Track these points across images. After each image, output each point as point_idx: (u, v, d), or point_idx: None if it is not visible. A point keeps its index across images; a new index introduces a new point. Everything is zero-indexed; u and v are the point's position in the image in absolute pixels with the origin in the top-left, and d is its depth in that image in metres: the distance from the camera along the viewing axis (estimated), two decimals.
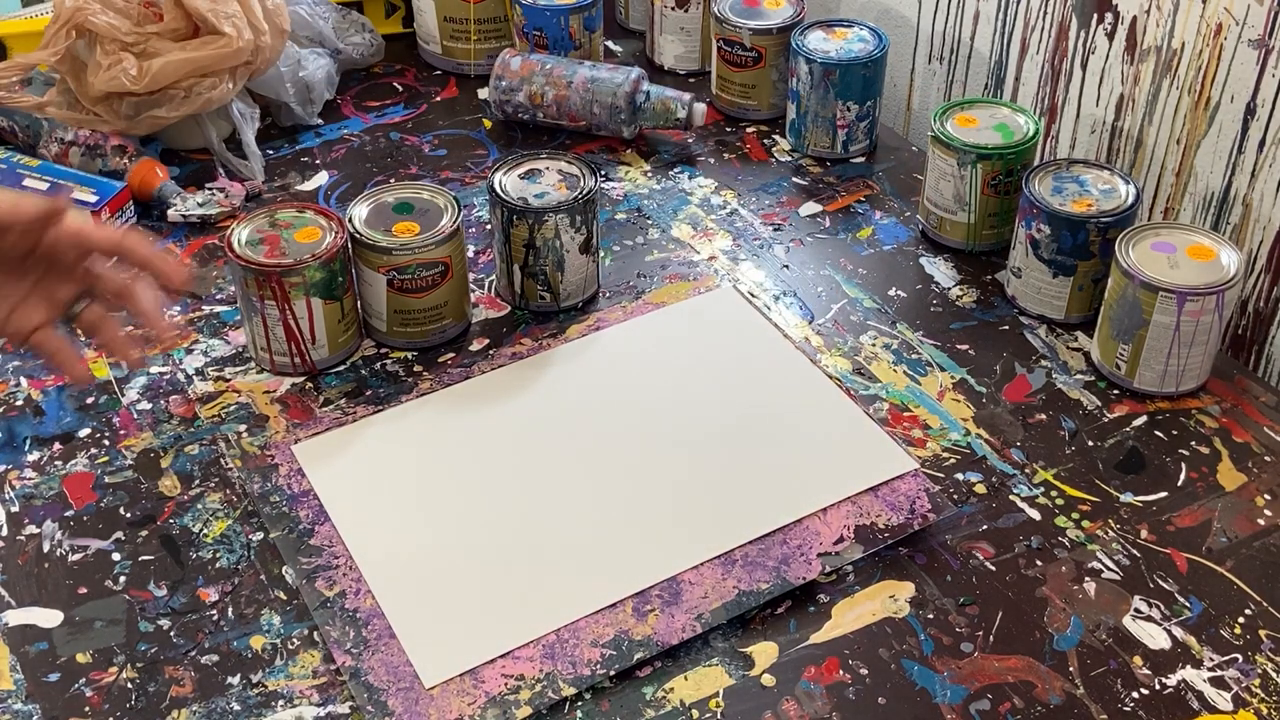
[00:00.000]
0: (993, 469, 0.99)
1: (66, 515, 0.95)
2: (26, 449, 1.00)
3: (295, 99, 1.34)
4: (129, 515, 0.96)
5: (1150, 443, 1.01)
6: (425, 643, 0.86)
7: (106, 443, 1.01)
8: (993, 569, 0.92)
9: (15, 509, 0.96)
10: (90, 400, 1.05)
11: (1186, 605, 0.89)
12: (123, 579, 0.91)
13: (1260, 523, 0.95)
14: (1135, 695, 0.84)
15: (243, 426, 1.02)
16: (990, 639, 0.87)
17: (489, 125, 1.38)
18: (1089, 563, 0.92)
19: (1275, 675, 0.85)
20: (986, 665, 0.85)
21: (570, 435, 1.01)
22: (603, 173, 1.30)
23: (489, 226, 1.21)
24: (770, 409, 1.03)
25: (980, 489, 0.98)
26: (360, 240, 1.05)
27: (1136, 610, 0.89)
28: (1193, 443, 1.01)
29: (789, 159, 1.33)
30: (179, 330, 0.85)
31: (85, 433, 1.02)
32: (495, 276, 1.16)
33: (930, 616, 0.88)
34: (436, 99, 1.42)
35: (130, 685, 0.84)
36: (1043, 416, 1.04)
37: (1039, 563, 0.92)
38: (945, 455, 1.00)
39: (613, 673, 0.84)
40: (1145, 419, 1.03)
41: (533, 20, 1.38)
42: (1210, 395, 1.05)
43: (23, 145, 1.28)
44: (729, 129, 1.37)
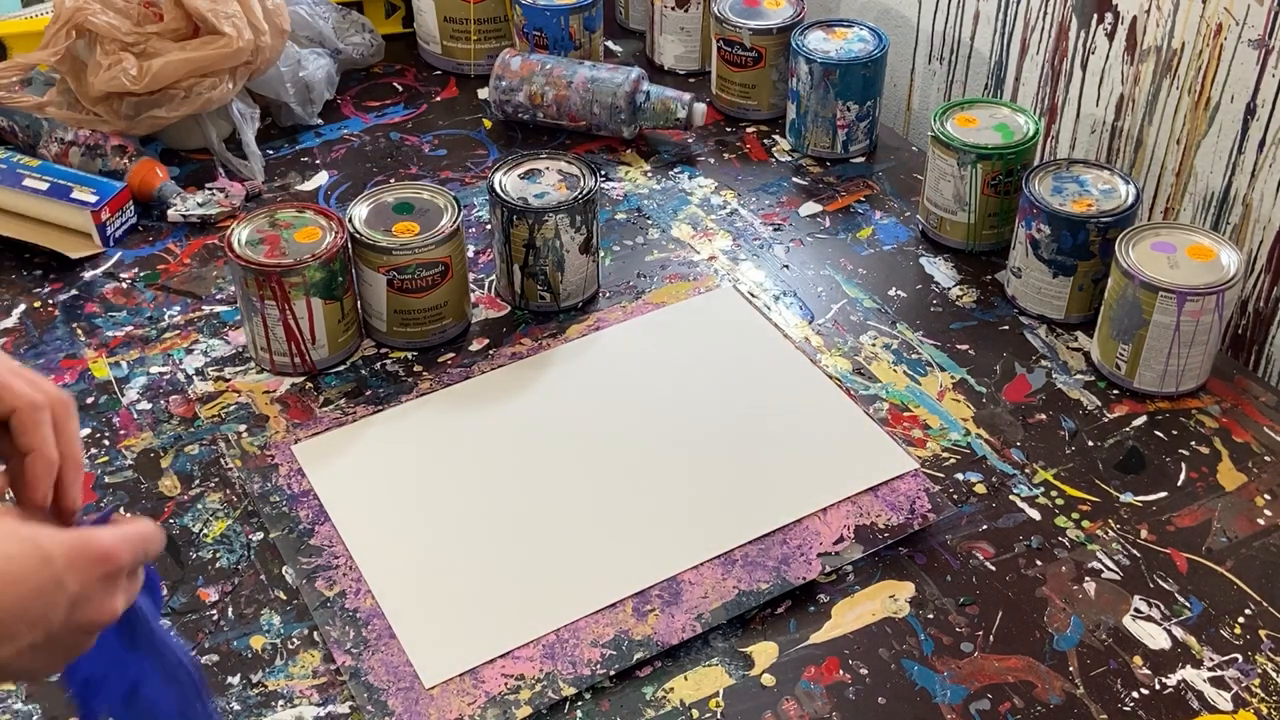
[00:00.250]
0: (993, 469, 0.99)
1: None
2: None
3: (295, 99, 1.34)
4: (129, 515, 0.95)
5: (1150, 443, 1.01)
6: (425, 643, 0.86)
7: (106, 443, 1.01)
8: (993, 569, 0.92)
9: None
10: (90, 400, 1.05)
11: (1186, 605, 0.89)
12: None
13: (1260, 523, 0.95)
14: (1135, 695, 0.84)
15: (243, 426, 1.02)
16: (990, 639, 0.87)
17: (489, 125, 1.38)
18: (1089, 563, 0.92)
19: (1275, 675, 0.85)
20: (986, 665, 0.85)
21: (570, 435, 1.01)
22: (603, 173, 1.30)
23: (489, 226, 1.21)
24: (770, 409, 1.03)
25: (980, 489, 0.98)
26: (360, 240, 1.05)
27: (1136, 610, 0.89)
28: (1193, 443, 1.01)
29: (789, 159, 1.33)
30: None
31: (85, 433, 1.02)
32: (495, 276, 1.16)
33: (930, 616, 0.88)
34: (436, 99, 1.42)
35: None
36: (1043, 416, 1.04)
37: (1039, 563, 0.92)
38: (945, 455, 1.00)
39: (613, 673, 0.84)
40: (1145, 419, 1.03)
41: (533, 20, 1.38)
42: (1210, 395, 1.05)
43: (23, 145, 1.27)
44: (729, 129, 1.37)
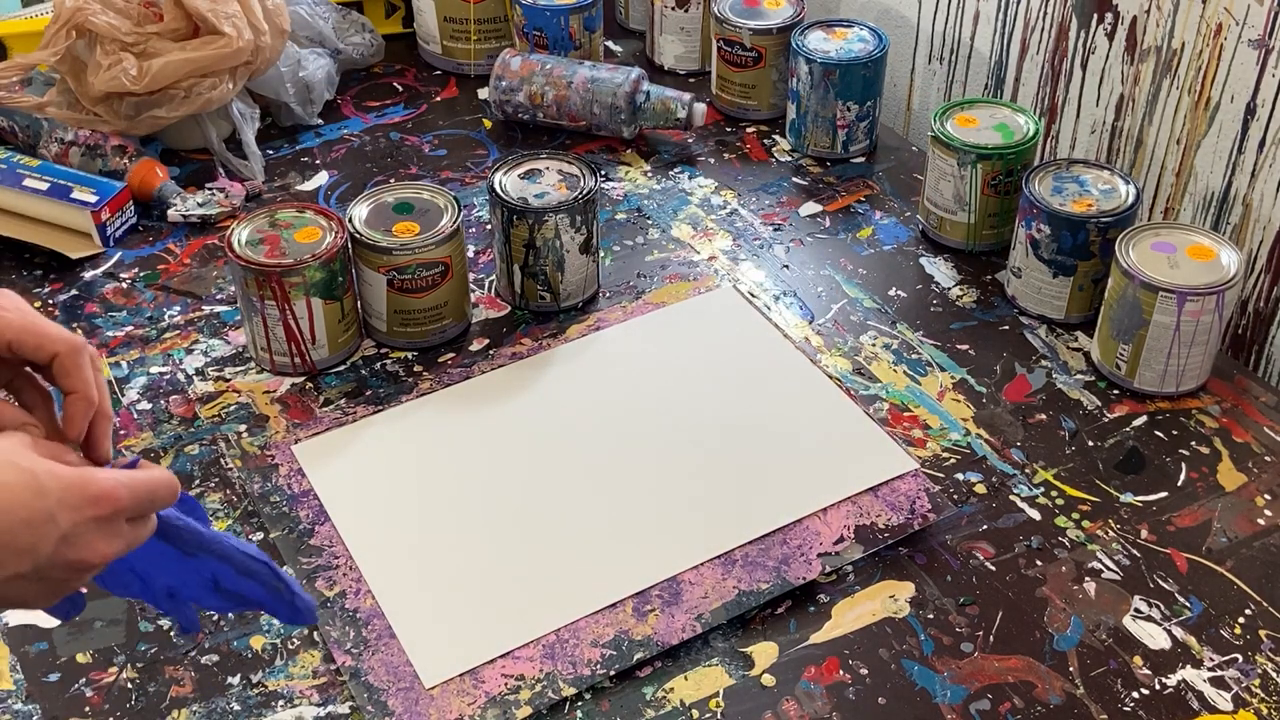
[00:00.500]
0: (993, 469, 0.99)
1: None
2: None
3: (295, 99, 1.34)
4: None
5: (1150, 443, 1.01)
6: (425, 643, 0.86)
7: None
8: (993, 569, 0.92)
9: None
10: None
11: (1186, 605, 0.89)
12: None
13: (1260, 523, 0.95)
14: (1135, 695, 0.84)
15: (243, 426, 1.02)
16: (990, 639, 0.87)
17: (489, 125, 1.38)
18: (1089, 563, 0.92)
19: (1275, 675, 0.85)
20: (986, 665, 0.85)
21: (570, 435, 1.01)
22: (603, 173, 1.30)
23: (489, 226, 1.21)
24: (770, 409, 1.03)
25: (980, 489, 0.98)
26: (360, 240, 1.05)
27: (1136, 610, 0.89)
28: (1193, 443, 1.01)
29: (789, 159, 1.33)
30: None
31: None
32: (495, 276, 1.16)
33: (930, 616, 0.88)
34: (436, 99, 1.42)
35: (130, 685, 0.84)
36: (1043, 416, 1.04)
37: (1039, 563, 0.92)
38: (945, 455, 1.00)
39: (613, 673, 0.84)
40: (1145, 419, 1.03)
41: (533, 20, 1.38)
42: (1210, 395, 1.05)
43: (23, 145, 1.27)
44: (729, 129, 1.37)
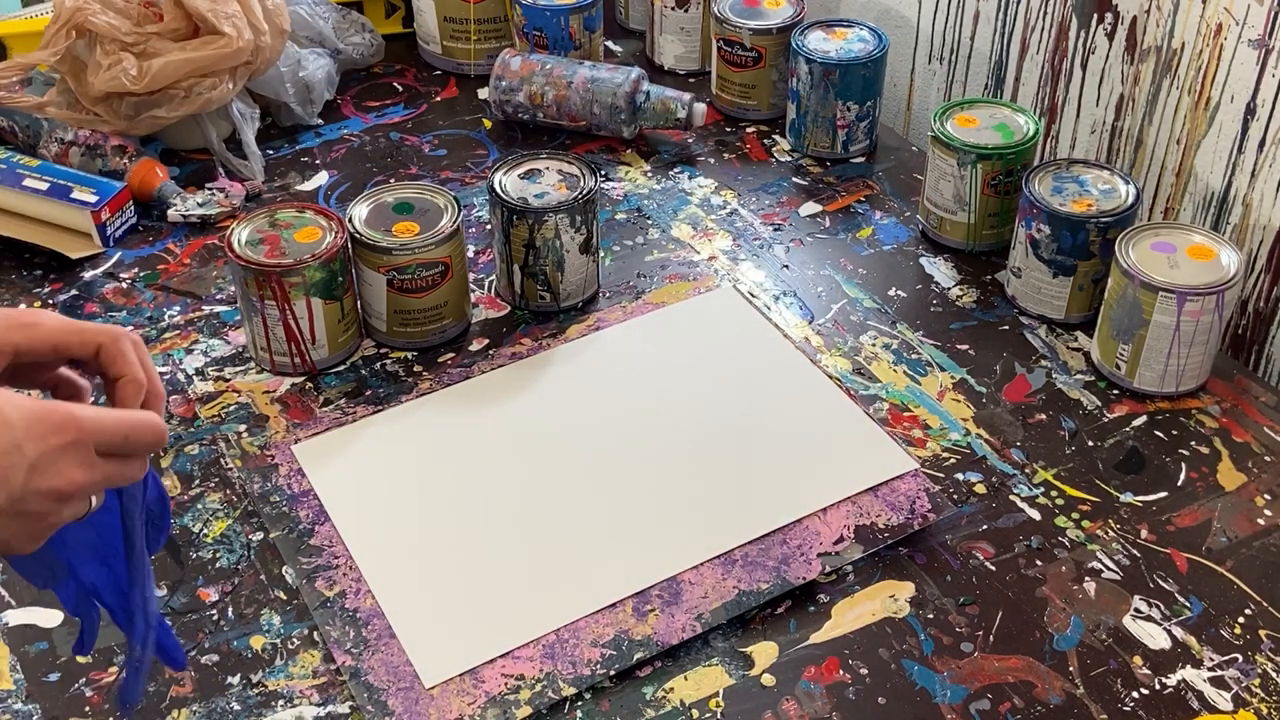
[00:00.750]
0: (993, 469, 0.99)
1: None
2: None
3: (295, 99, 1.34)
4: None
5: (1150, 443, 1.01)
6: (425, 643, 0.86)
7: None
8: (993, 569, 0.92)
9: None
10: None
11: (1186, 605, 0.89)
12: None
13: (1260, 523, 0.95)
14: (1135, 695, 0.84)
15: (243, 426, 1.02)
16: (990, 639, 0.87)
17: (489, 125, 1.38)
18: (1089, 563, 0.92)
19: (1275, 675, 0.85)
20: (986, 665, 0.85)
21: (570, 435, 1.01)
22: (603, 173, 1.30)
23: (489, 226, 1.21)
24: (770, 409, 1.03)
25: (980, 489, 0.98)
26: (360, 240, 1.05)
27: (1136, 610, 0.89)
28: (1193, 443, 1.01)
29: (789, 159, 1.33)
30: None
31: None
32: (495, 276, 1.16)
33: (930, 616, 0.88)
34: (436, 99, 1.42)
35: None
36: (1043, 416, 1.04)
37: (1039, 563, 0.92)
38: (945, 455, 1.00)
39: (613, 673, 0.84)
40: (1145, 419, 1.03)
41: (533, 20, 1.38)
42: (1210, 395, 1.05)
43: (23, 145, 1.27)
44: (729, 129, 1.37)
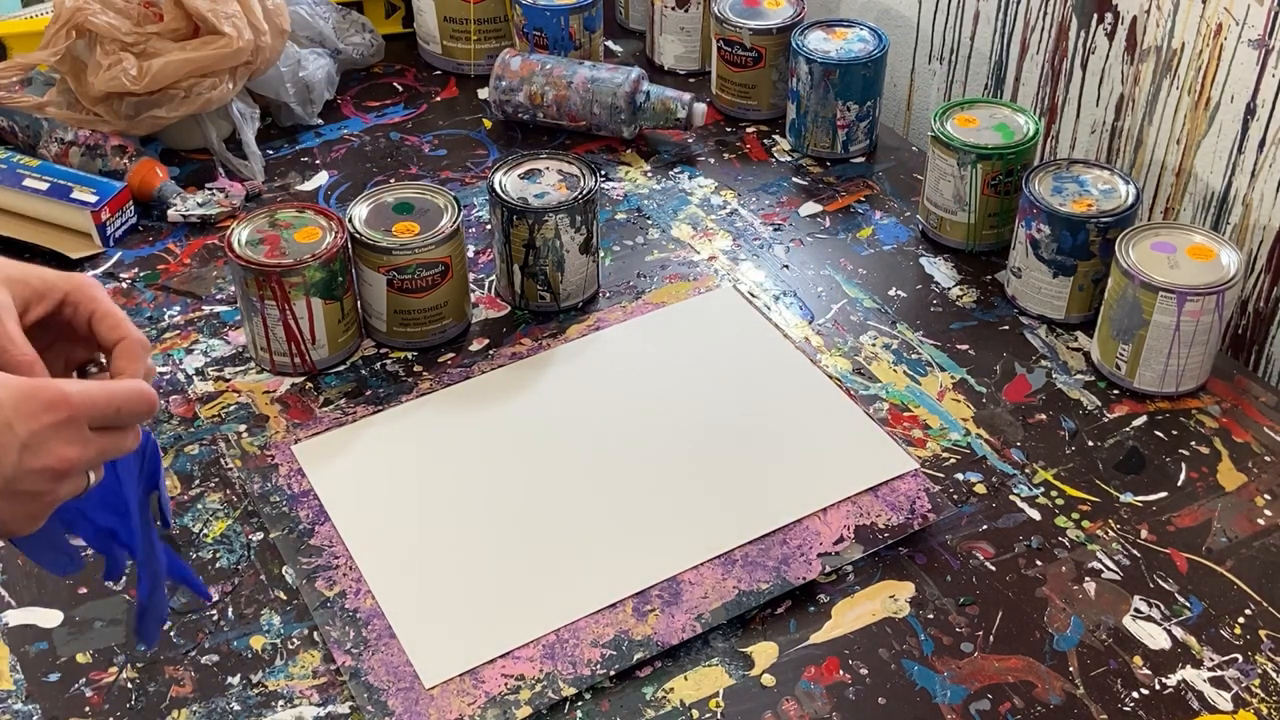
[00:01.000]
0: (993, 469, 0.99)
1: None
2: None
3: (295, 99, 1.34)
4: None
5: (1150, 443, 1.01)
6: (425, 643, 0.86)
7: None
8: (993, 569, 0.92)
9: None
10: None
11: (1186, 605, 0.89)
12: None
13: (1260, 523, 0.95)
14: (1135, 695, 0.84)
15: (243, 426, 1.02)
16: (990, 639, 0.87)
17: (489, 125, 1.38)
18: (1089, 563, 0.92)
19: (1275, 675, 0.85)
20: (986, 665, 0.85)
21: (570, 435, 1.01)
22: (603, 173, 1.30)
23: (489, 226, 1.21)
24: (770, 409, 1.03)
25: (980, 489, 0.98)
26: (360, 240, 1.05)
27: (1136, 610, 0.89)
28: (1193, 443, 1.01)
29: (789, 159, 1.33)
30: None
31: None
32: (495, 276, 1.16)
33: (930, 616, 0.88)
34: (436, 99, 1.42)
35: (130, 685, 0.84)
36: (1043, 416, 1.04)
37: (1039, 563, 0.92)
38: (945, 455, 1.00)
39: (613, 673, 0.84)
40: (1145, 419, 1.03)
41: (533, 20, 1.38)
42: (1210, 395, 1.05)
43: (23, 145, 1.27)
44: (729, 129, 1.37)
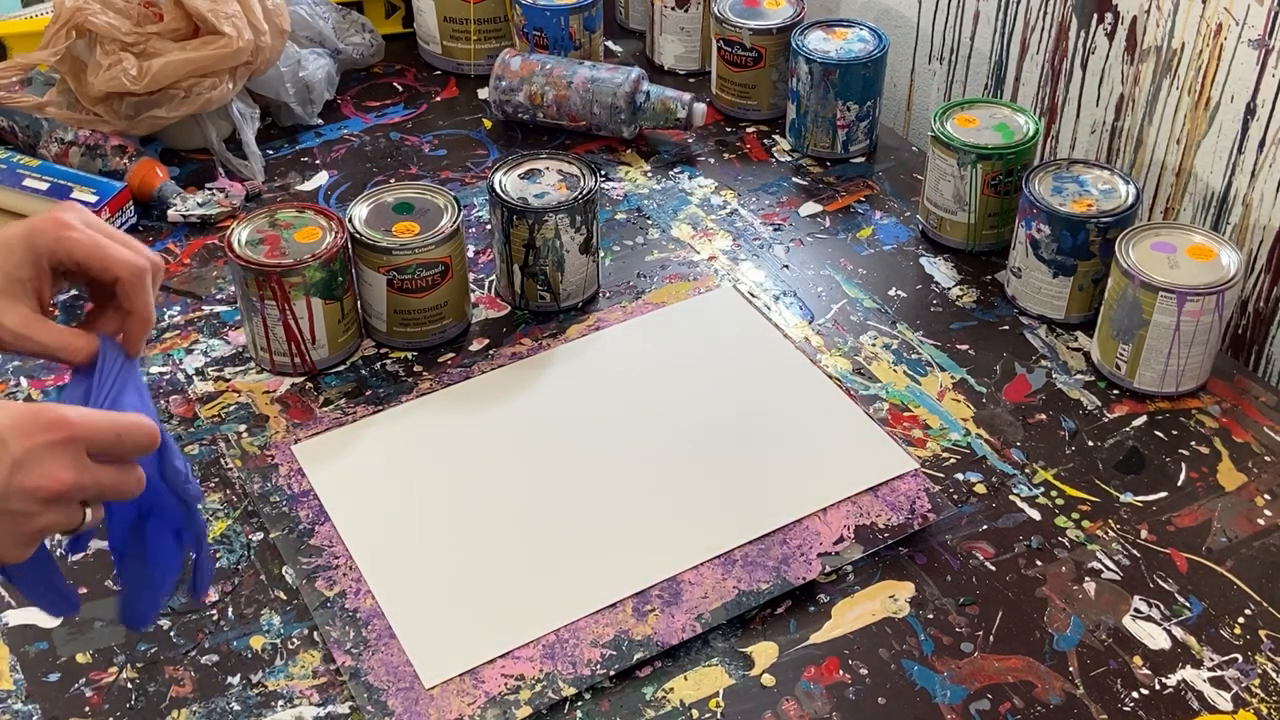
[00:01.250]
0: (993, 469, 0.99)
1: None
2: None
3: (295, 99, 1.34)
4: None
5: (1150, 443, 1.01)
6: (425, 643, 0.86)
7: None
8: (993, 569, 0.92)
9: None
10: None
11: (1186, 605, 0.89)
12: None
13: (1260, 523, 0.95)
14: (1135, 695, 0.84)
15: (243, 426, 1.02)
16: (990, 639, 0.87)
17: (489, 125, 1.38)
18: (1089, 563, 0.92)
19: (1275, 675, 0.85)
20: (986, 665, 0.85)
21: (570, 435, 1.01)
22: (603, 173, 1.30)
23: (489, 226, 1.21)
24: (770, 409, 1.03)
25: (980, 489, 0.98)
26: (360, 240, 1.05)
27: (1136, 610, 0.89)
28: (1193, 443, 1.01)
29: (789, 159, 1.33)
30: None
31: None
32: (495, 276, 1.16)
33: (930, 616, 0.88)
34: (436, 99, 1.42)
35: (130, 685, 0.84)
36: (1043, 416, 1.04)
37: (1039, 563, 0.92)
38: (945, 455, 1.00)
39: (613, 673, 0.84)
40: (1145, 419, 1.03)
41: (533, 20, 1.38)
42: (1210, 395, 1.05)
43: (23, 145, 1.27)
44: (729, 129, 1.37)
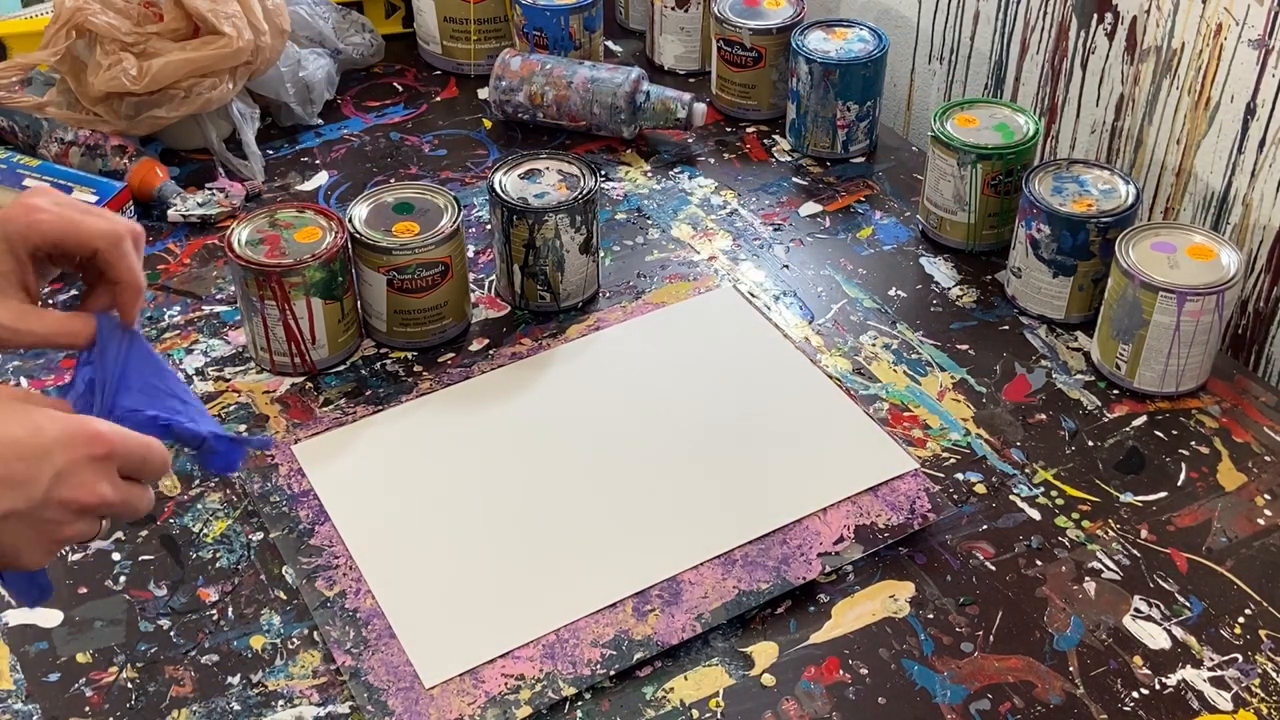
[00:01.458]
0: (993, 469, 0.99)
1: None
2: None
3: (295, 99, 1.34)
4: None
5: (1150, 443, 1.01)
6: (425, 643, 0.86)
7: None
8: (993, 569, 0.92)
9: None
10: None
11: (1186, 605, 0.89)
12: (123, 579, 0.91)
13: (1260, 523, 0.95)
14: (1135, 695, 0.84)
15: (243, 426, 1.02)
16: (990, 639, 0.87)
17: (489, 125, 1.38)
18: (1089, 563, 0.92)
19: (1275, 675, 0.85)
20: (986, 665, 0.85)
21: (570, 435, 1.01)
22: (603, 173, 1.30)
23: (489, 226, 1.21)
24: (770, 409, 1.03)
25: (980, 489, 0.98)
26: (360, 240, 1.05)
27: (1136, 610, 0.89)
28: (1193, 443, 1.01)
29: (789, 159, 1.33)
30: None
31: None
32: (495, 276, 1.16)
33: (930, 616, 0.88)
34: (436, 99, 1.42)
35: (130, 685, 0.84)
36: (1043, 416, 1.04)
37: (1039, 563, 0.92)
38: (945, 455, 1.00)
39: (613, 673, 0.84)
40: (1145, 419, 1.03)
41: (533, 20, 1.38)
42: (1210, 395, 1.05)
43: (23, 145, 1.27)
44: (729, 129, 1.37)
